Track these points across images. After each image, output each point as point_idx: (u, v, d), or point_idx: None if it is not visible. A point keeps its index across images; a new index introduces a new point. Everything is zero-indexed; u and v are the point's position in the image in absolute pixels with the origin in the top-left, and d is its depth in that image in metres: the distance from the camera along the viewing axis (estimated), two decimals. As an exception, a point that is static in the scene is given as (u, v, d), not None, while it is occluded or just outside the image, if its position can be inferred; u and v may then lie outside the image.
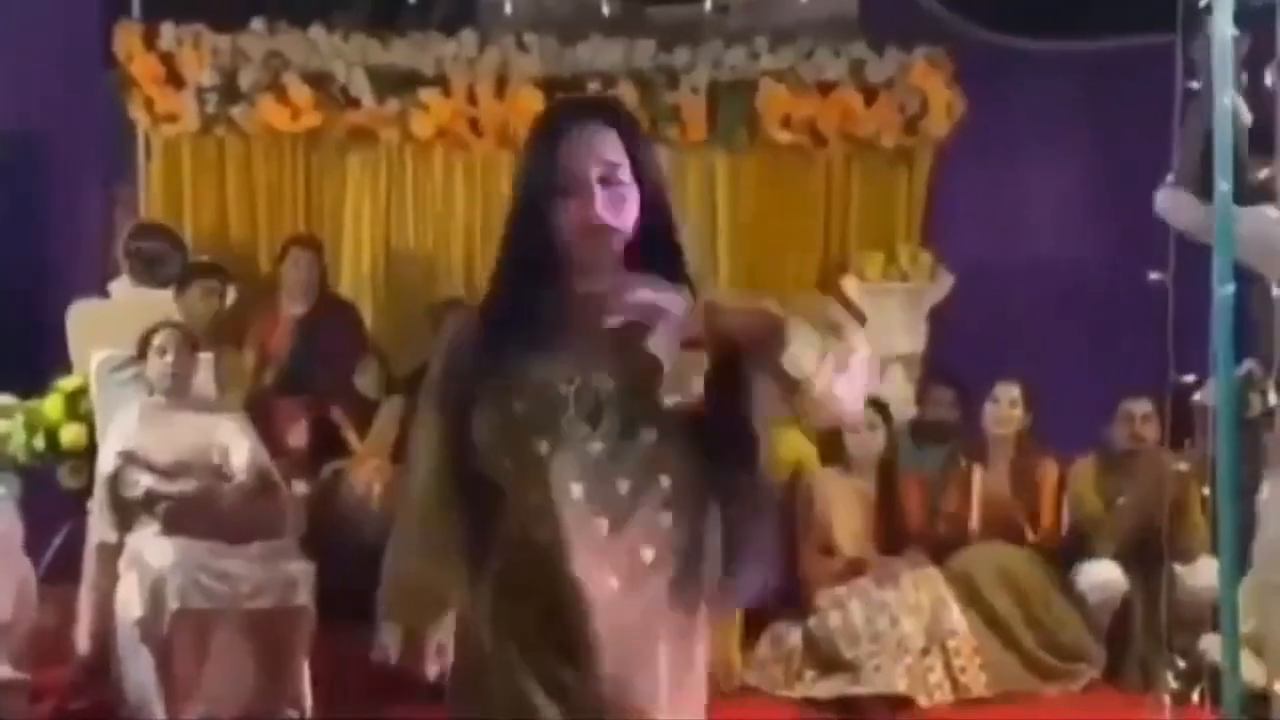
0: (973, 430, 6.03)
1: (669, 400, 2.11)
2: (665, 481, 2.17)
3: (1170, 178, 4.12)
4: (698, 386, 2.12)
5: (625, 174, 2.18)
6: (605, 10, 6.92)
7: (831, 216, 7.33)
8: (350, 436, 6.07)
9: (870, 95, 7.10)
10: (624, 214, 2.17)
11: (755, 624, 5.55)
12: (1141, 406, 5.63)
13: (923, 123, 7.11)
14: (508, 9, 6.86)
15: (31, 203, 6.96)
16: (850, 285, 7.03)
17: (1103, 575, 5.56)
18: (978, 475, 5.81)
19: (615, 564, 2.15)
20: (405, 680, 2.49)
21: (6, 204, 6.80)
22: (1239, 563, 3.93)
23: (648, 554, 2.17)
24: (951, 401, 6.30)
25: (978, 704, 5.29)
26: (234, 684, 4.80)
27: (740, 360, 2.15)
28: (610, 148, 2.18)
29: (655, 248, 2.20)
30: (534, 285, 2.19)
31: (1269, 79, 3.82)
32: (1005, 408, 5.85)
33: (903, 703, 5.22)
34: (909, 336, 6.98)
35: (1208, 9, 3.97)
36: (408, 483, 2.36)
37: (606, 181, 2.16)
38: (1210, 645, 4.39)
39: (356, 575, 5.06)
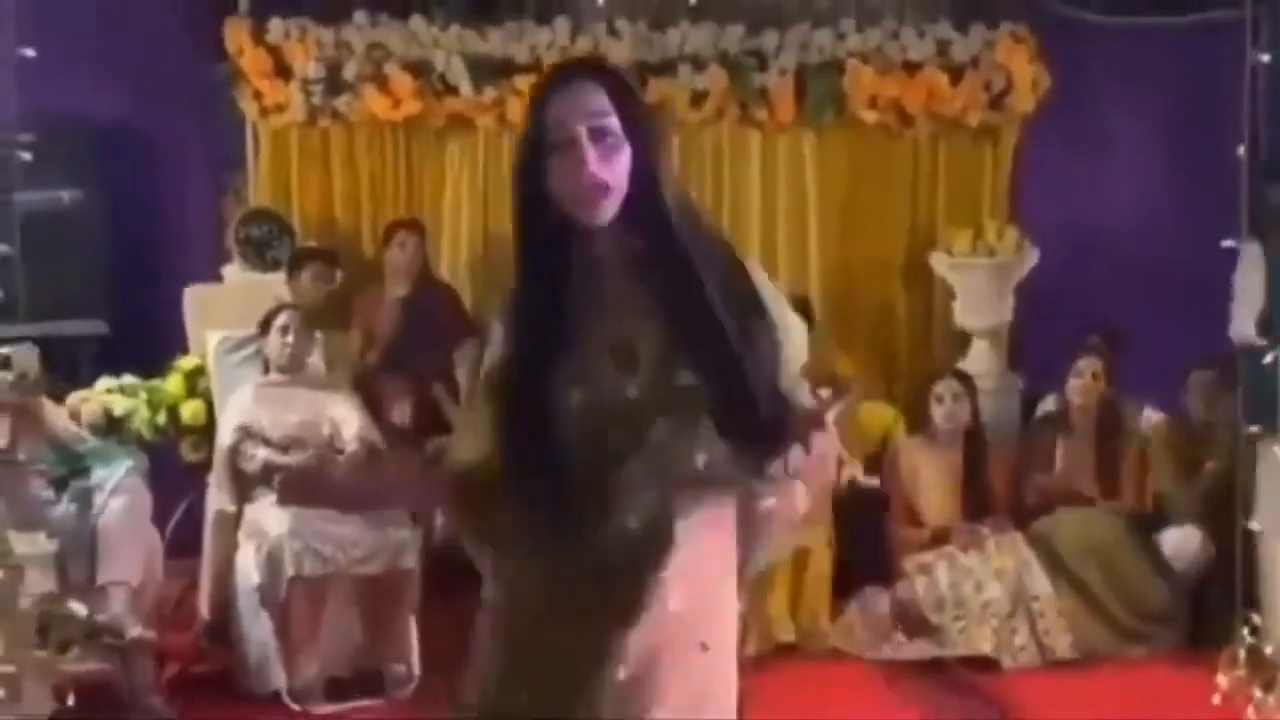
0: (1059, 400, 6.13)
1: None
2: (705, 422, 2.15)
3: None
4: None
5: (614, 125, 2.15)
6: (692, -1, 7.03)
7: (919, 194, 7.42)
8: (451, 413, 6.26)
9: (956, 74, 7.17)
10: (616, 168, 2.15)
11: (844, 589, 5.73)
12: (1204, 375, 5.72)
13: (1007, 99, 7.18)
14: (600, -1, 7.02)
15: (149, 193, 7.20)
16: (939, 261, 7.14)
17: (1185, 541, 5.65)
18: (1061, 446, 5.92)
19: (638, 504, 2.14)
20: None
21: (125, 194, 7.06)
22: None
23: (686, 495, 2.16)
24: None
25: (1062, 666, 5.42)
26: (346, 643, 5.08)
27: None
28: (595, 99, 2.15)
29: (644, 204, 2.17)
30: (541, 241, 2.20)
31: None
32: (1088, 380, 5.93)
33: (988, 664, 5.37)
34: (996, 310, 7.04)
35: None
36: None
37: (596, 135, 2.13)
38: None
39: (456, 541, 5.38)
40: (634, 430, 2.14)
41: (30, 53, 4.65)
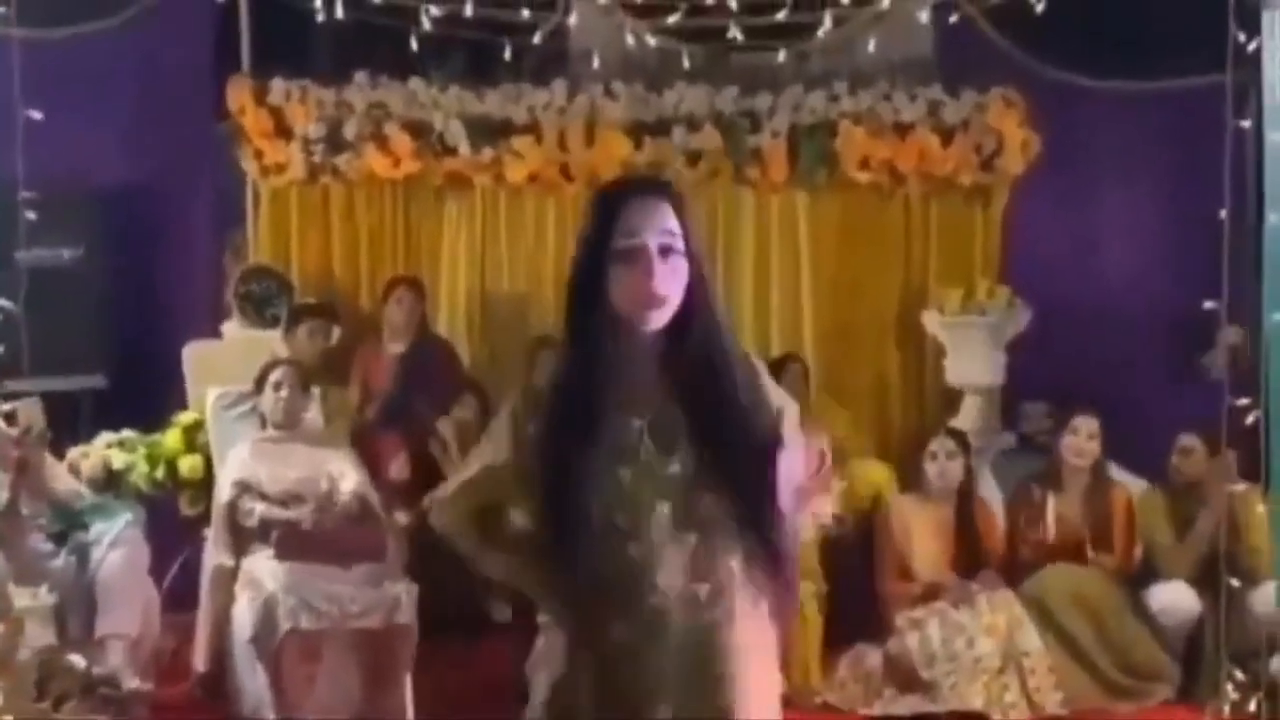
0: (1051, 457, 6.17)
1: None
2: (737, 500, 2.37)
3: None
4: None
5: (680, 244, 2.34)
6: (685, 62, 7.12)
7: (911, 253, 7.48)
8: (448, 468, 6.30)
9: (947, 136, 7.25)
10: (677, 286, 2.34)
11: (835, 644, 5.77)
12: (1189, 438, 5.78)
13: (998, 161, 7.26)
14: (596, 61, 7.11)
15: (149, 249, 7.27)
16: (930, 319, 7.21)
17: (1175, 597, 5.68)
18: (1051, 503, 5.96)
19: (699, 572, 2.35)
20: (502, 692, 2.74)
21: (125, 251, 7.14)
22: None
23: (733, 564, 2.38)
24: (1045, 414, 6.42)
25: (1053, 722, 5.46)
26: (342, 698, 5.07)
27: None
28: (667, 217, 2.34)
29: (696, 319, 2.36)
30: (597, 335, 2.37)
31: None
32: (1084, 439, 5.94)
33: (979, 720, 5.41)
34: (988, 369, 7.09)
35: (1258, 50, 4.19)
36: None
37: (664, 251, 2.32)
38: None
39: (455, 598, 5.43)
40: (680, 503, 2.36)
41: (36, 115, 4.74)
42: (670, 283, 2.32)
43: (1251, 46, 4.18)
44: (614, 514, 2.34)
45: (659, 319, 2.34)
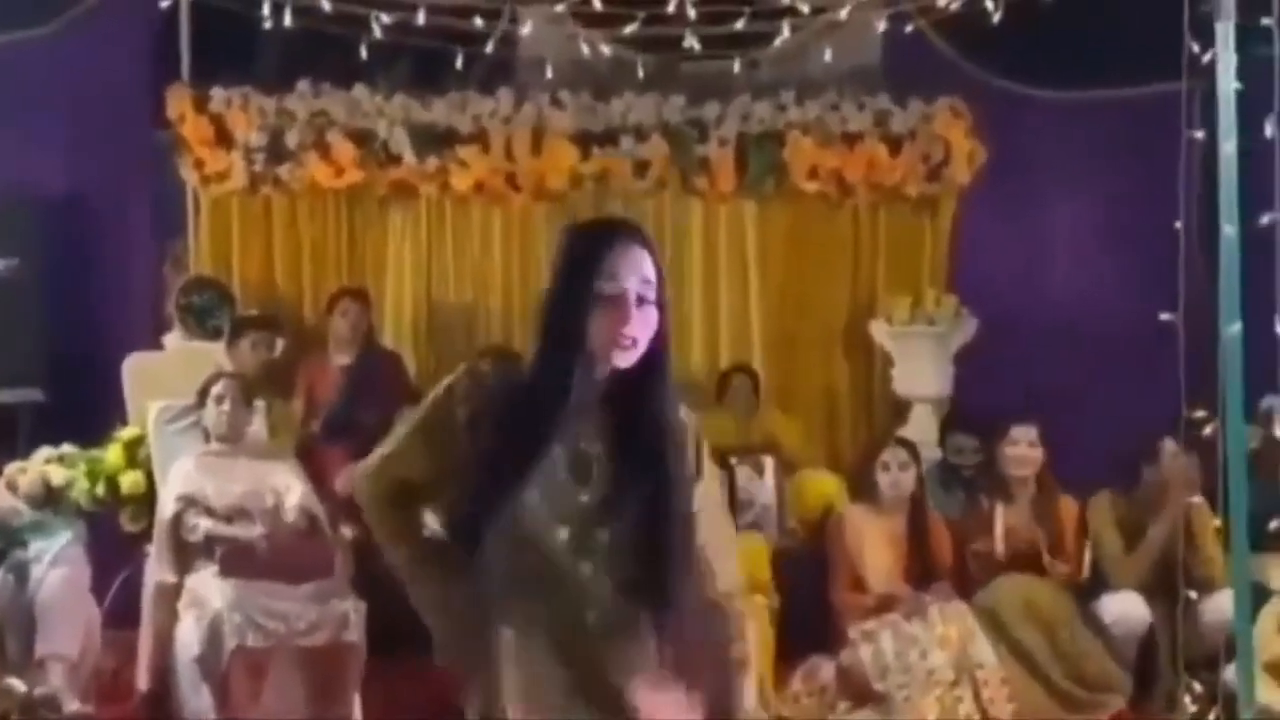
0: (995, 469, 6.16)
1: None
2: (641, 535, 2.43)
3: None
4: None
5: (653, 293, 2.41)
6: (640, 71, 7.10)
7: (859, 262, 7.51)
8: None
9: (894, 145, 7.29)
10: (648, 332, 2.40)
11: (789, 657, 5.73)
12: (1166, 445, 5.78)
13: (945, 171, 7.30)
14: (549, 70, 7.05)
15: (88, 260, 7.15)
16: (879, 329, 7.21)
17: (1126, 607, 5.68)
18: (1000, 513, 5.95)
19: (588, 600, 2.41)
20: (451, 710, 2.69)
21: (64, 262, 7.00)
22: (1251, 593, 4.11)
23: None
24: (974, 449, 6.45)
25: (1007, 733, 5.44)
26: (288, 717, 5.00)
27: None
28: (647, 265, 2.41)
29: (654, 368, 2.43)
30: (566, 370, 2.41)
31: (1269, 130, 4.01)
32: (1024, 448, 5.92)
33: (933, 733, 5.38)
34: (936, 378, 7.12)
35: (1211, 62, 4.19)
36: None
37: (640, 298, 2.39)
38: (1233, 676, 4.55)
39: (403, 613, 5.34)
40: (578, 532, 2.41)
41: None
42: (642, 329, 2.39)
43: (1206, 58, 4.16)
44: (524, 525, 2.40)
45: (626, 360, 2.40)
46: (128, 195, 7.32)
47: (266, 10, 6.26)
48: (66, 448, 5.85)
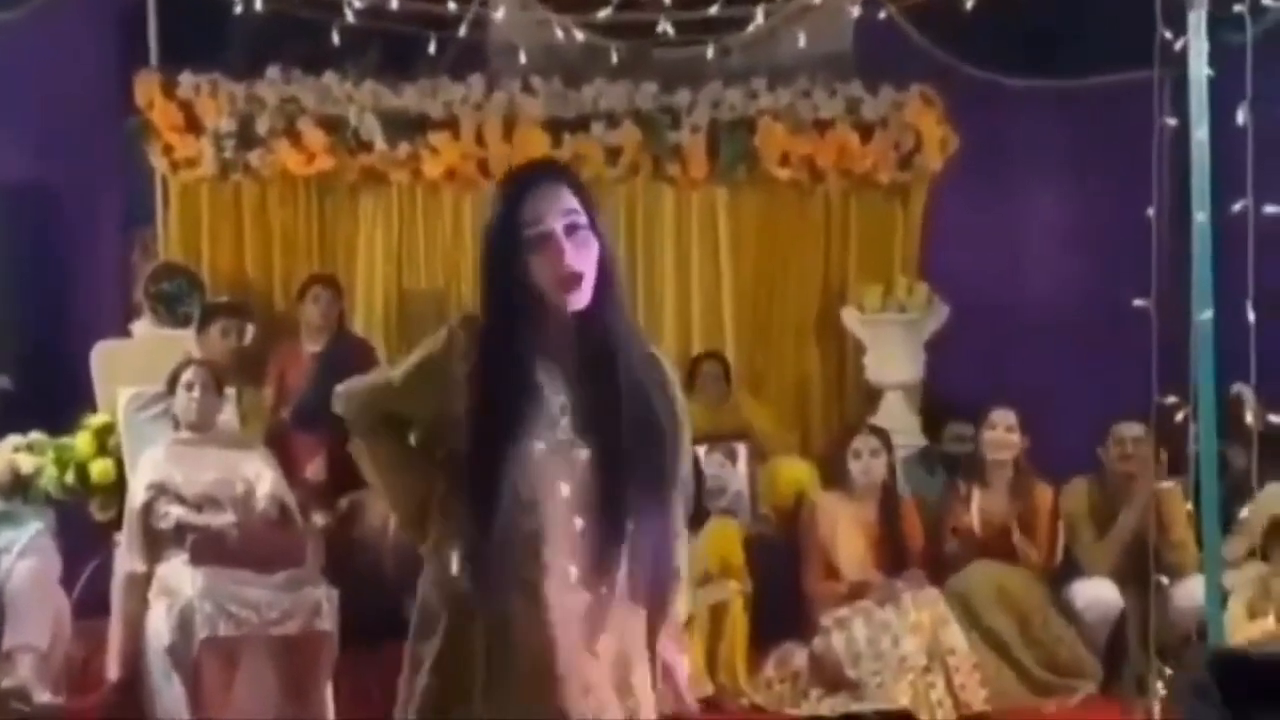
0: (976, 454, 6.17)
1: None
2: (631, 490, 2.46)
3: None
4: None
5: (584, 220, 2.46)
6: (614, 56, 7.07)
7: (831, 250, 7.49)
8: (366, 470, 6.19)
9: (866, 132, 7.27)
10: (589, 259, 2.45)
11: (761, 644, 5.74)
12: (1131, 430, 5.81)
13: (917, 158, 7.28)
14: (521, 56, 7.02)
15: (55, 247, 7.10)
16: (850, 316, 7.21)
17: (1097, 593, 5.72)
18: (976, 498, 5.97)
19: (580, 555, 2.44)
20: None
21: (32, 249, 6.96)
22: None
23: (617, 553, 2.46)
24: (971, 436, 6.45)
25: (978, 719, 5.46)
26: (260, 706, 4.98)
27: None
28: (566, 198, 2.47)
29: (604, 295, 2.47)
30: (518, 318, 2.47)
31: (1240, 117, 4.03)
32: (1002, 433, 5.97)
33: (905, 718, 5.39)
34: (908, 366, 7.13)
35: (1183, 49, 4.20)
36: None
37: (570, 230, 2.44)
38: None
39: (375, 601, 5.33)
40: (580, 487, 2.45)
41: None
42: (581, 258, 2.44)
43: (1178, 45, 4.18)
44: (520, 487, 2.41)
45: (579, 299, 2.44)
46: (96, 182, 7.25)
47: (237, -5, 6.21)
48: (35, 435, 5.83)
